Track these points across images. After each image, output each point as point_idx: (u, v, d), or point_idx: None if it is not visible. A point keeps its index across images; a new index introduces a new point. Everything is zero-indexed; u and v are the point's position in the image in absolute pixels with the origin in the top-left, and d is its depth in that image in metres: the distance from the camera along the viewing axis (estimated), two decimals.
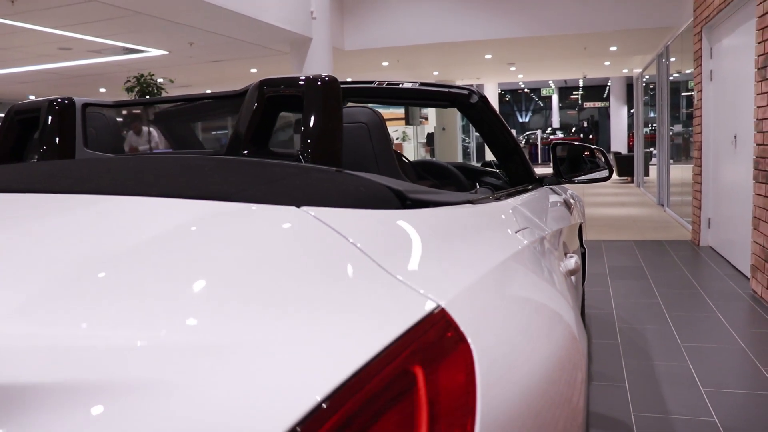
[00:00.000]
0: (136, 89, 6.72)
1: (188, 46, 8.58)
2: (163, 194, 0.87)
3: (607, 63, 13.85)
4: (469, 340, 0.63)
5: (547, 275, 1.13)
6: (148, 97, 6.67)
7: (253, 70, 11.83)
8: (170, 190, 0.89)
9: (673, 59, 9.82)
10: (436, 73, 14.96)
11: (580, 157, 2.58)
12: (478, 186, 2.65)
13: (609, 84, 24.55)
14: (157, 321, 0.54)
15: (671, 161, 9.90)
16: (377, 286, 0.66)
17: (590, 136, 31.00)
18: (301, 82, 1.40)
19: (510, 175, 2.38)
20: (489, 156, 21.03)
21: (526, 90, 35.30)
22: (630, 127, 23.91)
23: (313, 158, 1.31)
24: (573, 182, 2.45)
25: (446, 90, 2.17)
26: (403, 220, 0.90)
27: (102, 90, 13.63)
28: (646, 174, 13.65)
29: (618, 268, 5.56)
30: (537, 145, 27.93)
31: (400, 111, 18.00)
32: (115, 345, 0.51)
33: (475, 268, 0.83)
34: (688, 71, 8.83)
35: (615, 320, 3.99)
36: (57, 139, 1.70)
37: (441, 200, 1.12)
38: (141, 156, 1.42)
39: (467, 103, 2.15)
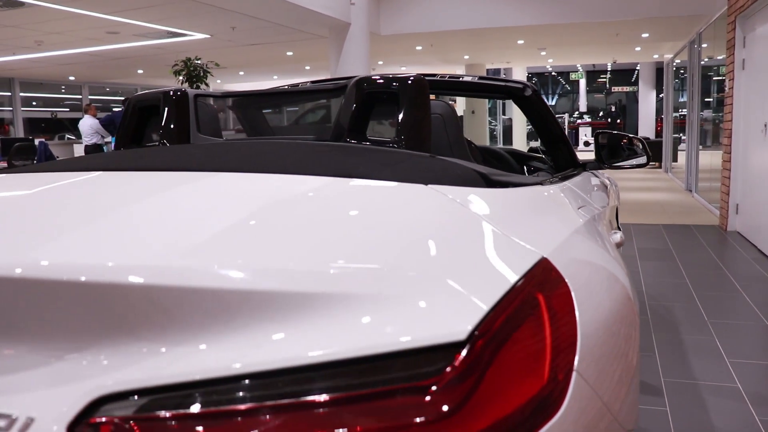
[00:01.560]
0: (183, 72, 7.03)
1: (230, 30, 8.87)
2: (312, 173, 1.14)
3: (637, 48, 13.89)
4: (566, 279, 0.90)
5: (605, 244, 1.39)
6: (198, 81, 6.97)
7: (289, 53, 12.11)
8: (317, 170, 1.16)
9: (705, 46, 9.90)
10: (466, 57, 15.09)
11: (619, 144, 2.81)
12: (525, 169, 2.91)
13: (638, 68, 24.43)
14: (367, 253, 0.80)
15: (700, 147, 10.01)
16: (499, 241, 0.93)
17: (618, 121, 30.79)
18: (395, 83, 1.66)
19: (556, 160, 2.63)
20: (515, 140, 21.07)
21: (553, 73, 35.11)
22: (658, 112, 23.82)
23: (408, 146, 1.58)
24: (613, 168, 2.69)
25: (503, 84, 2.42)
26: (495, 196, 1.17)
27: (140, 71, 14.01)
28: (675, 160, 13.72)
29: (647, 250, 5.78)
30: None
31: None
32: (335, 266, 0.75)
33: (557, 233, 1.10)
34: (719, 57, 8.93)
35: (645, 298, 4.23)
36: (175, 125, 1.99)
37: (519, 182, 1.39)
38: (274, 142, 1.68)
39: (521, 95, 2.41)
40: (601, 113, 34.08)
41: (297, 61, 13.95)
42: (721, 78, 8.67)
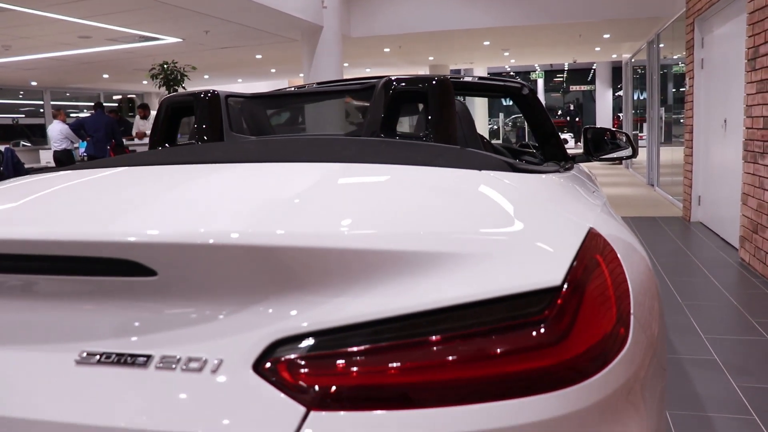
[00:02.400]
0: (161, 76, 7.07)
1: (203, 34, 8.93)
2: (374, 161, 1.32)
3: (597, 49, 14.33)
4: (611, 243, 1.08)
5: (622, 222, 1.59)
6: (175, 84, 7.01)
7: (258, 56, 12.18)
8: (378, 160, 1.34)
9: (662, 45, 10.32)
10: (431, 58, 15.35)
11: (602, 138, 3.03)
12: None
13: (594, 67, 25.06)
14: (471, 222, 0.97)
15: (661, 143, 10.43)
16: (555, 214, 1.12)
17: (576, 119, 31.50)
18: (421, 84, 1.84)
19: (547, 154, 2.83)
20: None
21: (512, 73, 35.72)
22: (614, 110, 24.47)
23: (437, 140, 1.76)
24: (600, 160, 2.90)
25: (502, 84, 2.62)
26: (533, 180, 1.36)
27: (105, 76, 13.89)
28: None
29: None
30: (524, 128, 28.43)
31: None
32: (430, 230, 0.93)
33: (589, 210, 1.29)
34: (676, 56, 9.34)
35: None
36: (209, 124, 2.13)
37: (540, 169, 1.58)
38: (327, 138, 1.84)
39: (519, 94, 2.61)
40: (559, 112, 34.78)
41: (264, 65, 14.02)
42: (679, 74, 9.07)
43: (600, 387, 0.82)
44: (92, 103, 18.03)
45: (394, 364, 0.78)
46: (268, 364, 0.79)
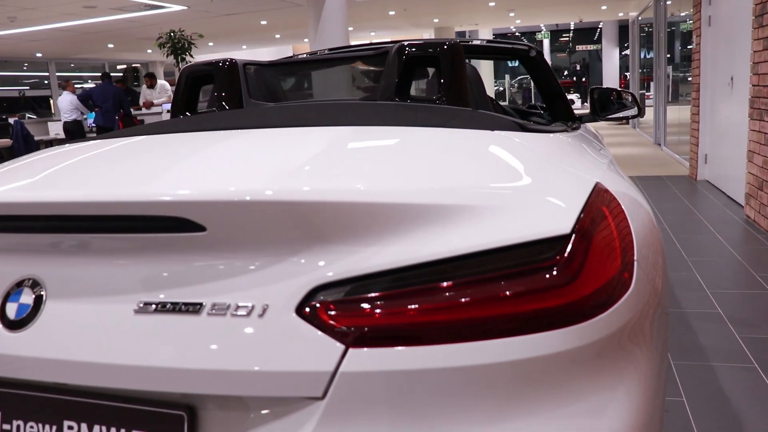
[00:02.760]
0: (168, 45, 7.09)
1: (207, 2, 8.90)
2: (393, 124, 1.40)
3: (604, 7, 14.18)
4: (617, 197, 1.17)
5: (627, 178, 1.67)
6: (182, 53, 7.03)
7: (263, 22, 12.13)
8: (397, 122, 1.42)
9: (669, 2, 10.21)
10: (436, 20, 15.23)
11: (608, 98, 3.08)
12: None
13: (600, 26, 24.79)
14: (486, 177, 1.06)
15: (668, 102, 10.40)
16: (563, 170, 1.20)
17: (582, 79, 31.21)
18: (431, 49, 1.90)
19: (554, 114, 2.89)
20: None
21: (517, 33, 35.33)
22: (621, 69, 24.26)
23: (449, 102, 1.83)
24: (607, 119, 2.96)
25: (510, 46, 2.67)
26: (542, 139, 1.44)
27: (110, 45, 13.88)
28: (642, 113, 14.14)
29: None
30: (530, 89, 28.25)
31: None
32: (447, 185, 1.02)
33: (596, 167, 1.37)
34: (683, 13, 9.25)
35: None
36: (228, 92, 2.20)
37: (548, 129, 1.65)
38: (346, 103, 1.92)
39: (527, 56, 2.66)
40: (566, 72, 34.43)
41: (268, 30, 13.95)
42: (686, 32, 9.01)
43: (604, 325, 0.92)
44: (96, 74, 18.05)
45: (422, 306, 0.88)
46: (309, 308, 0.88)
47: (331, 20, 8.80)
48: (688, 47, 8.29)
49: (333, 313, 0.87)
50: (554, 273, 0.90)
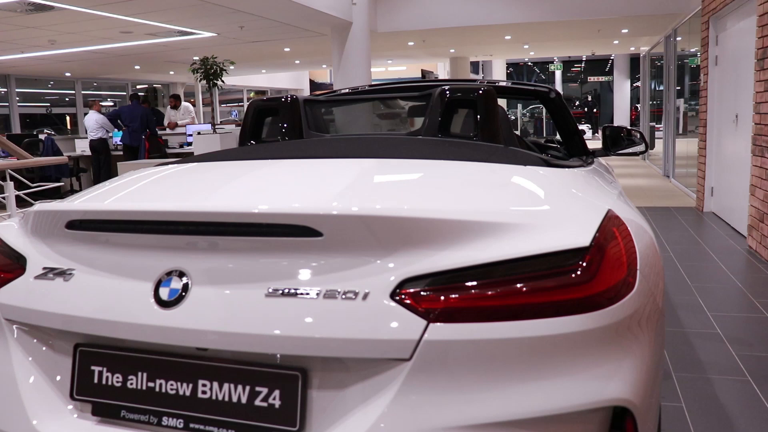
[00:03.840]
0: (201, 70, 7.50)
1: (237, 29, 9.34)
2: (443, 158, 1.74)
3: (616, 42, 14.59)
4: (625, 222, 1.49)
5: (634, 207, 1.99)
6: (214, 78, 7.42)
7: (287, 49, 12.60)
8: (446, 157, 1.76)
9: (679, 39, 10.60)
10: (452, 50, 15.68)
11: (619, 135, 3.41)
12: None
13: (612, 58, 25.25)
14: (523, 202, 1.39)
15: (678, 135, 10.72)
16: (581, 199, 1.53)
17: (594, 110, 31.55)
18: (470, 94, 2.24)
19: (570, 149, 3.22)
20: None
21: (529, 63, 35.83)
22: (632, 101, 24.65)
23: (484, 139, 2.17)
24: (617, 155, 3.29)
25: (533, 88, 3.02)
26: (563, 173, 1.77)
27: (137, 67, 14.37)
28: (651, 147, 14.49)
29: None
30: (542, 119, 28.65)
31: None
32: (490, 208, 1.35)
33: (608, 196, 1.70)
34: (692, 50, 9.63)
35: None
36: (292, 124, 2.55)
37: (568, 164, 1.98)
38: (399, 137, 2.26)
39: (547, 97, 3.01)
40: (577, 102, 34.81)
41: (290, 56, 14.44)
42: (695, 67, 9.37)
43: (614, 314, 1.24)
44: (116, 93, 18.61)
45: (482, 294, 1.20)
46: (399, 294, 1.20)
47: (354, 50, 9.21)
48: (696, 82, 8.64)
49: (417, 298, 1.20)
50: (578, 274, 1.22)
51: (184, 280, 1.31)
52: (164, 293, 1.30)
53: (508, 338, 1.17)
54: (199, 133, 7.62)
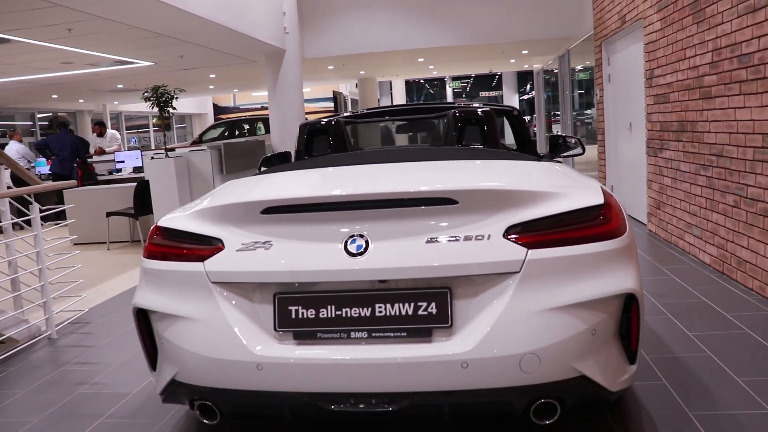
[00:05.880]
0: (153, 98, 7.94)
1: (175, 58, 9.84)
2: (484, 159, 2.61)
3: (512, 61, 16.07)
4: (612, 199, 2.39)
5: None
6: (165, 106, 7.89)
7: (212, 75, 13.11)
8: (473, 158, 2.64)
9: (572, 57, 12.05)
10: (362, 72, 16.67)
11: (557, 142, 4.40)
12: None
13: (499, 74, 27.28)
14: (554, 180, 2.26)
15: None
16: (581, 180, 2.43)
17: None
18: (480, 113, 3.13)
19: (526, 153, 4.17)
20: None
21: (420, 80, 37.66)
22: (522, 112, 26.66)
23: (489, 146, 3.06)
24: (561, 157, 4.27)
25: (500, 108, 3.94)
26: (559, 165, 2.68)
27: (54, 96, 14.37)
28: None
29: None
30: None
31: (329, 104, 19.67)
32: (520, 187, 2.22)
33: (591, 179, 2.61)
34: (580, 67, 11.04)
35: None
36: (337, 140, 3.33)
37: (556, 160, 2.91)
38: (440, 148, 3.08)
39: (512, 114, 3.95)
40: None
41: (213, 82, 14.91)
42: (584, 82, 10.77)
43: (622, 241, 2.14)
44: (23, 123, 18.25)
45: (551, 232, 2.05)
46: (508, 236, 2.03)
47: (288, 76, 9.96)
48: (586, 95, 10.01)
49: (519, 236, 2.04)
50: (601, 218, 2.11)
51: (365, 239, 2.06)
52: (352, 248, 2.06)
53: (571, 255, 2.03)
54: (152, 158, 8.06)
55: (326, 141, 3.37)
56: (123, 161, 10.72)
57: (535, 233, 2.04)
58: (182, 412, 2.93)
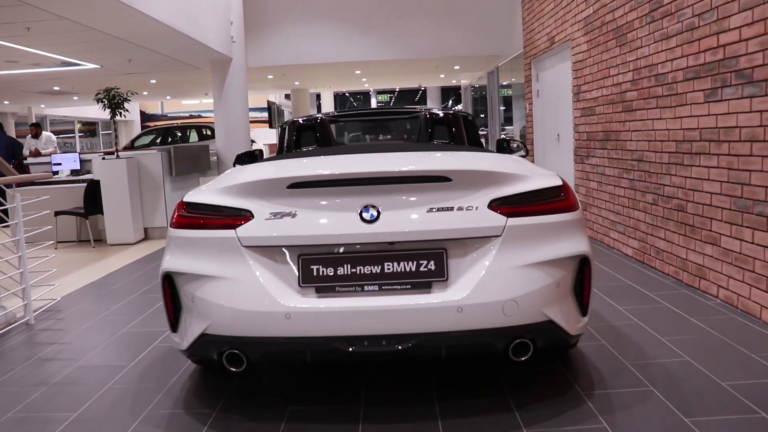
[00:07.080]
0: (104, 100, 8.05)
1: (122, 62, 9.95)
2: (459, 152, 3.13)
3: (442, 75, 16.85)
4: (567, 183, 2.94)
5: None
6: (117, 108, 8.04)
7: (153, 81, 13.18)
8: (457, 149, 3.14)
9: (501, 73, 12.87)
10: (297, 83, 17.04)
11: (503, 145, 4.98)
12: None
13: (423, 88, 28.26)
14: (517, 167, 2.78)
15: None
16: (542, 172, 2.97)
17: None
18: (449, 114, 3.65)
19: None
20: None
21: (346, 93, 38.37)
22: None
23: (458, 143, 3.58)
24: None
25: (452, 112, 4.48)
26: (519, 157, 3.22)
27: (6, 102, 14.03)
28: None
29: None
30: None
31: (263, 115, 19.89)
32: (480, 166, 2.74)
33: (549, 171, 3.16)
34: (505, 83, 11.85)
35: None
36: (323, 136, 3.77)
37: (514, 153, 3.46)
38: (419, 143, 3.55)
39: (467, 119, 4.49)
40: None
41: (151, 88, 14.91)
42: (508, 98, 11.58)
43: (577, 214, 2.69)
44: None
45: (522, 205, 2.57)
46: (492, 206, 2.53)
47: (233, 84, 10.25)
48: (512, 110, 10.79)
49: (500, 208, 2.54)
50: (561, 195, 2.65)
51: (377, 209, 2.52)
52: (366, 216, 2.51)
53: (540, 223, 2.56)
54: (103, 158, 8.17)
55: (313, 136, 3.80)
56: (60, 164, 10.69)
57: (512, 206, 2.55)
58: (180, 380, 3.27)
